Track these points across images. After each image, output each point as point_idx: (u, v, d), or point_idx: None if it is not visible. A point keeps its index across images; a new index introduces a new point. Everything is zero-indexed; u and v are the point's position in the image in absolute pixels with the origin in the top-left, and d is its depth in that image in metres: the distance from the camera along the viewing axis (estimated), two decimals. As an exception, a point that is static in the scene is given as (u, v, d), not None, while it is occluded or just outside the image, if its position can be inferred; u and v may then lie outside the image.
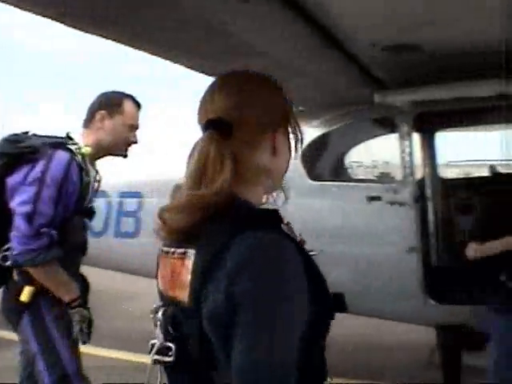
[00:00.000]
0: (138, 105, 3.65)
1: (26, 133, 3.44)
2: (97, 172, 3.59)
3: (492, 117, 6.29)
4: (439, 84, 4.20)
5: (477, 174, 7.96)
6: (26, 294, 3.29)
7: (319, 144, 5.39)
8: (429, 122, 6.72)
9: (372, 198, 4.98)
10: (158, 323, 1.66)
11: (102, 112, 3.51)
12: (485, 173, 6.90)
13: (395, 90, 4.36)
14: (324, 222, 5.22)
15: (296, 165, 5.07)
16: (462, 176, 8.85)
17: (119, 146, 3.62)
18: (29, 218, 3.10)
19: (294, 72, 3.66)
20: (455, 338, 4.86)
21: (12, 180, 3.24)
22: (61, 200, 3.20)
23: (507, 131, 7.53)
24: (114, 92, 3.68)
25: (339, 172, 6.51)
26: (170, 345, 1.62)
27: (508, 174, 4.44)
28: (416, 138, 6.65)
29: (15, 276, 3.34)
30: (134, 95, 3.66)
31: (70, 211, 3.30)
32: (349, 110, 5.15)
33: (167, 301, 1.67)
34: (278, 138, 1.68)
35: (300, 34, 3.09)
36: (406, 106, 4.71)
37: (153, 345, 1.65)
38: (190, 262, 1.55)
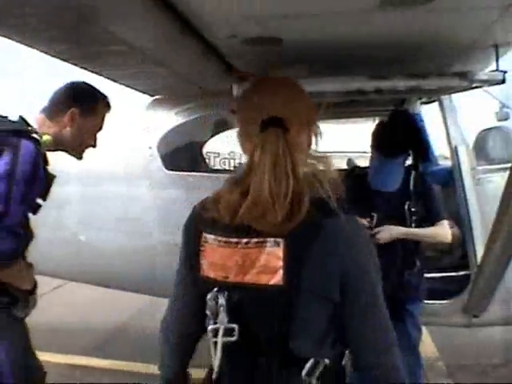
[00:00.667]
0: (109, 107, 3.42)
1: None
2: None
3: (351, 111, 6.40)
4: (300, 78, 4.17)
5: (336, 167, 8.12)
6: None
7: (177, 134, 5.29)
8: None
9: (229, 189, 4.92)
10: (221, 308, 1.86)
11: (74, 110, 3.23)
12: (343, 165, 7.03)
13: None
14: (180, 213, 5.12)
15: (152, 154, 4.96)
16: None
17: (78, 147, 3.38)
18: None
19: (152, 60, 3.53)
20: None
21: None
22: (28, 198, 2.89)
23: (365, 124, 7.73)
24: (88, 87, 3.41)
25: (196, 162, 6.45)
26: (234, 326, 1.86)
27: (365, 168, 4.47)
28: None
29: None
30: (107, 95, 3.42)
31: (33, 207, 3.05)
32: (208, 100, 5.07)
33: (226, 286, 1.88)
34: (311, 134, 2.01)
35: (159, 22, 2.95)
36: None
37: (216, 329, 1.86)
38: (279, 249, 1.80)
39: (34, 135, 3.03)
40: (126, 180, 5.17)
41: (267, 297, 1.84)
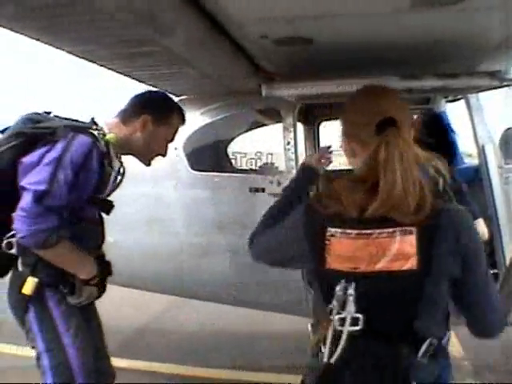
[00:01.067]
0: (183, 120, 3.53)
1: (49, 113, 3.22)
2: (121, 164, 3.40)
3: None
4: (326, 78, 4.17)
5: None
6: (28, 286, 3.05)
7: (203, 134, 5.28)
8: (313, 114, 6.75)
9: (255, 190, 4.92)
10: (350, 298, 2.04)
11: (148, 117, 3.35)
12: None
13: (282, 82, 4.30)
14: (206, 213, 5.13)
15: (178, 155, 4.96)
16: (346, 167, 9.01)
17: (147, 154, 3.50)
18: (40, 197, 2.83)
19: (182, 61, 3.52)
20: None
21: (27, 160, 2.98)
22: (76, 186, 2.94)
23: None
24: (164, 97, 3.57)
25: (222, 163, 6.44)
26: (359, 315, 2.04)
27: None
28: (300, 129, 6.70)
29: (20, 266, 3.08)
30: (182, 108, 3.54)
31: (84, 200, 3.09)
32: (234, 100, 5.06)
33: (354, 277, 2.06)
34: (411, 133, 2.25)
35: (190, 22, 2.96)
36: (292, 98, 4.67)
37: (343, 318, 2.05)
38: (411, 237, 2.01)
39: (94, 132, 3.11)
40: (152, 181, 5.17)
41: (399, 282, 2.04)
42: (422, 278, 2.02)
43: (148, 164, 3.56)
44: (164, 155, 3.56)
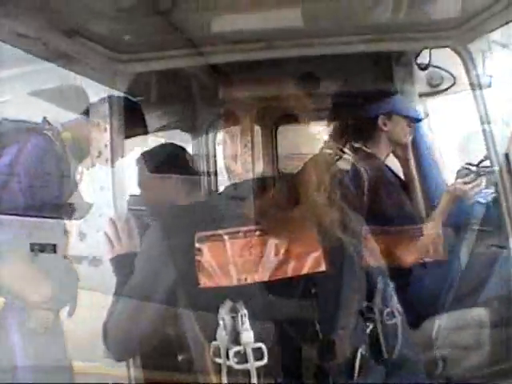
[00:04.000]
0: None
1: None
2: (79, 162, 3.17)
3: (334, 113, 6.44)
4: (283, 80, 4.17)
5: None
6: None
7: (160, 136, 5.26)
8: (271, 117, 6.77)
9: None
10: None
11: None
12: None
13: (240, 85, 4.30)
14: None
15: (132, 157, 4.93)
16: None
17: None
18: None
19: (137, 60, 3.50)
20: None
21: None
22: (32, 192, 2.77)
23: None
24: (138, 109, 3.57)
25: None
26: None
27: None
28: (258, 131, 6.73)
29: None
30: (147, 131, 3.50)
31: (45, 207, 2.89)
32: (190, 103, 5.04)
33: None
34: None
35: (143, 21, 2.95)
36: (250, 101, 4.67)
37: (391, 312, 2.24)
38: None
39: (48, 132, 2.94)
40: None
41: None
42: None
43: (87, 168, 3.24)
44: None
